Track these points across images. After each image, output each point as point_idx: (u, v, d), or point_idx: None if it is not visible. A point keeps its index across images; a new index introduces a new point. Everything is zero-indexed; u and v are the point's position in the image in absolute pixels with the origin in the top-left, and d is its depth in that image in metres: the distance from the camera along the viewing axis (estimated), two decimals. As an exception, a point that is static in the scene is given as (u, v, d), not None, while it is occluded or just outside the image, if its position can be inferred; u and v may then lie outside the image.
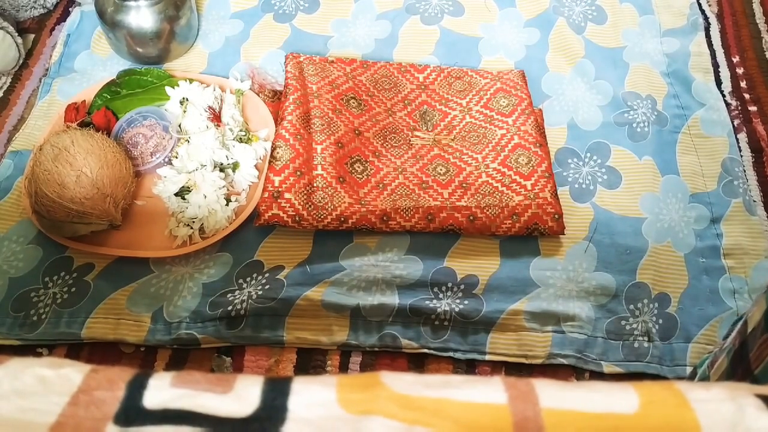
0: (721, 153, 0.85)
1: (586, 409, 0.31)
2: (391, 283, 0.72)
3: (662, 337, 0.71)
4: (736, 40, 0.99)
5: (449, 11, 0.99)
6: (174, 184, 0.75)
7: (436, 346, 0.69)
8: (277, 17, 0.98)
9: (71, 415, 0.30)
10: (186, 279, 0.72)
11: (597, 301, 0.72)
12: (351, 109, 0.85)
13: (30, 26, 0.99)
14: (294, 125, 0.80)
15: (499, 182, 0.79)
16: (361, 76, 0.89)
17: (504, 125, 0.84)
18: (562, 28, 0.97)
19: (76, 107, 0.83)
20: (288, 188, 0.75)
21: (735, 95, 0.92)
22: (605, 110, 0.89)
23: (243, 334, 0.69)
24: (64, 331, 0.69)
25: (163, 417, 0.30)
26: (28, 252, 0.74)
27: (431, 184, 0.79)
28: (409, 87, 0.89)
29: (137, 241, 0.74)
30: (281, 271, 0.73)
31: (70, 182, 0.69)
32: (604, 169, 0.83)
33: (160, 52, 0.90)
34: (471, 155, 0.82)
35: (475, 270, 0.74)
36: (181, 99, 0.82)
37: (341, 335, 0.69)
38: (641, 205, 0.80)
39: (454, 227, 0.75)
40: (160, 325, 0.69)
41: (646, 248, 0.76)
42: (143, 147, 0.79)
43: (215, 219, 0.74)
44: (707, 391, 0.32)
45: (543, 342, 0.70)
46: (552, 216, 0.76)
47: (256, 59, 0.92)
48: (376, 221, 0.75)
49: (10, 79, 0.92)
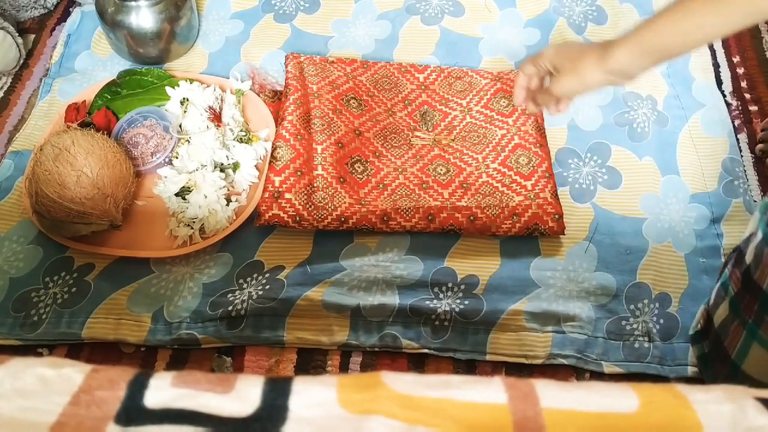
0: (722, 153, 0.85)
1: (586, 408, 0.31)
2: (392, 283, 0.72)
3: (663, 337, 0.71)
4: (736, 40, 0.99)
5: (449, 11, 0.99)
6: (174, 185, 0.75)
7: (437, 346, 0.69)
8: (277, 17, 0.98)
9: (72, 415, 0.30)
10: (186, 279, 0.72)
11: (597, 301, 0.72)
12: (351, 110, 0.85)
13: (30, 26, 0.99)
14: (294, 125, 0.80)
15: (500, 182, 0.79)
16: (362, 76, 0.89)
17: (504, 125, 0.84)
18: (563, 28, 0.97)
19: (77, 107, 0.83)
20: (288, 188, 0.75)
21: (735, 95, 0.92)
22: (605, 110, 0.89)
23: (243, 334, 0.69)
24: (65, 331, 0.69)
25: (164, 416, 0.30)
26: (28, 252, 0.74)
27: (431, 184, 0.79)
28: (410, 87, 0.89)
29: (138, 241, 0.74)
30: (281, 271, 0.73)
31: (71, 182, 0.69)
32: (605, 169, 0.83)
33: (161, 52, 0.90)
34: (471, 155, 0.82)
35: (475, 270, 0.74)
36: (181, 99, 0.82)
37: (342, 335, 0.69)
38: (641, 205, 0.80)
39: (455, 227, 0.75)
40: (161, 325, 0.69)
41: (647, 248, 0.76)
42: (144, 147, 0.79)
43: (215, 219, 0.74)
44: (707, 393, 0.32)
45: (543, 342, 0.69)
46: (552, 216, 0.76)
47: (256, 59, 0.92)
48: (376, 221, 0.75)
49: (11, 80, 0.92)
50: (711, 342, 0.64)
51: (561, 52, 0.66)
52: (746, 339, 0.58)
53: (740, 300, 0.59)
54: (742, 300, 0.59)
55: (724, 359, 0.61)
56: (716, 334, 0.63)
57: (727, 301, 0.61)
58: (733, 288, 0.60)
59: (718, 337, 0.62)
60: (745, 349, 0.58)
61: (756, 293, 0.56)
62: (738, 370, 0.59)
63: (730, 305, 0.61)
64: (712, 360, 0.64)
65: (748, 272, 0.58)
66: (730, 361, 0.60)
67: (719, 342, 0.62)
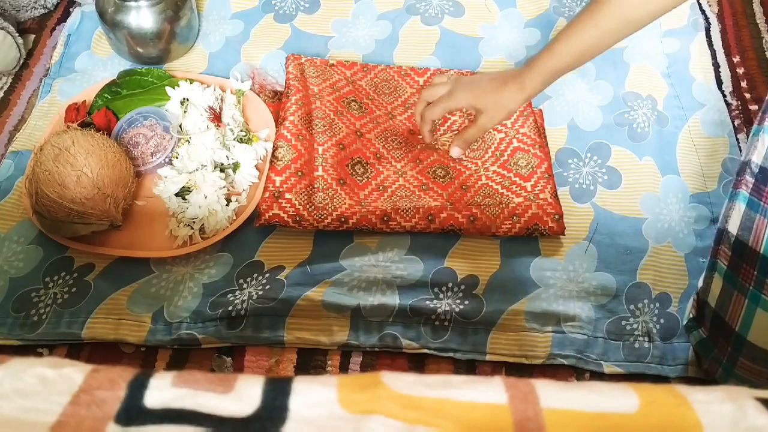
0: (722, 153, 0.85)
1: (586, 408, 0.31)
2: (392, 283, 0.72)
3: (663, 337, 0.71)
4: (736, 40, 0.99)
5: (449, 12, 0.99)
6: (174, 185, 0.75)
7: (437, 347, 0.69)
8: (277, 17, 0.98)
9: (72, 415, 0.30)
10: (186, 279, 0.72)
11: (597, 301, 0.72)
12: (352, 111, 0.85)
13: (30, 26, 0.99)
14: (296, 125, 0.80)
15: (499, 184, 0.79)
16: (361, 80, 0.89)
17: (503, 128, 0.84)
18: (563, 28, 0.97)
19: (77, 107, 0.83)
20: (289, 188, 0.75)
21: (735, 95, 0.92)
22: (605, 110, 0.89)
23: (243, 335, 0.69)
24: (65, 331, 0.69)
25: (164, 416, 0.30)
26: (28, 252, 0.74)
27: (431, 186, 0.79)
28: (410, 91, 0.89)
29: (138, 242, 0.74)
30: (282, 272, 0.73)
31: (71, 182, 0.69)
32: (605, 169, 0.83)
33: (161, 52, 0.90)
34: (471, 160, 0.82)
35: (475, 270, 0.74)
36: (181, 99, 0.82)
37: (342, 335, 0.69)
38: (641, 205, 0.80)
39: (455, 228, 0.75)
40: (161, 325, 0.69)
41: (647, 248, 0.76)
42: (144, 147, 0.79)
43: (216, 219, 0.74)
44: (707, 393, 0.32)
45: (543, 342, 0.69)
46: (552, 216, 0.76)
47: (256, 59, 0.92)
48: (376, 221, 0.75)
49: (11, 80, 0.92)
50: (710, 325, 0.64)
51: (476, 92, 0.74)
52: (749, 307, 0.58)
53: (736, 270, 0.60)
54: (738, 270, 0.60)
55: (728, 335, 0.61)
56: (715, 313, 0.63)
57: (720, 278, 0.62)
58: (724, 262, 0.61)
59: (717, 315, 0.63)
60: (749, 318, 0.59)
61: (753, 259, 0.58)
62: (743, 342, 0.60)
63: (724, 279, 0.62)
64: (714, 341, 0.64)
65: (739, 242, 0.59)
66: (734, 335, 0.60)
67: (719, 319, 0.62)
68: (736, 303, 0.60)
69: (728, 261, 0.61)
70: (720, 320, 0.62)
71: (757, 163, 0.59)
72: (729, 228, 0.61)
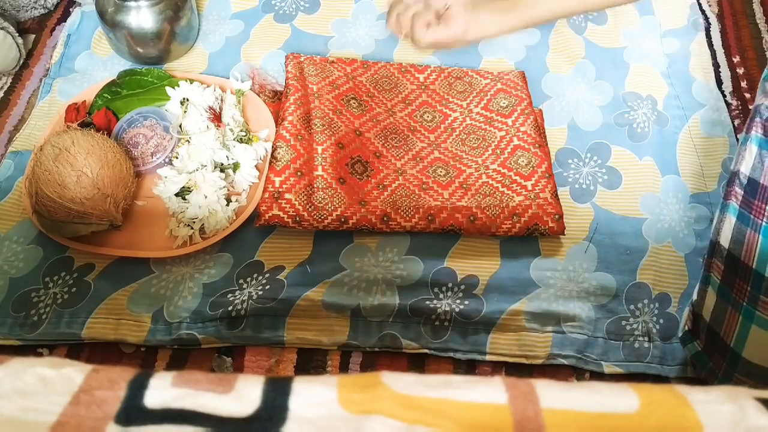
0: (722, 153, 0.85)
1: (586, 408, 0.31)
2: (392, 283, 0.72)
3: (663, 337, 0.71)
4: (736, 40, 0.99)
5: (449, 11, 0.99)
6: (174, 185, 0.75)
7: (437, 347, 0.69)
8: (277, 17, 0.98)
9: (72, 415, 0.30)
10: (186, 279, 0.72)
11: (597, 301, 0.72)
12: (351, 110, 0.85)
13: (30, 26, 0.99)
14: (295, 125, 0.80)
15: (500, 183, 0.79)
16: (362, 76, 0.89)
17: (503, 126, 0.84)
18: (563, 28, 0.97)
19: (77, 107, 0.83)
20: (288, 189, 0.75)
21: (736, 95, 0.92)
22: (605, 110, 0.89)
23: (243, 335, 0.69)
24: (65, 332, 0.69)
25: (164, 416, 0.30)
26: (28, 252, 0.74)
27: (431, 185, 0.79)
28: (410, 87, 0.89)
29: (138, 242, 0.74)
30: (282, 272, 0.73)
31: (71, 182, 0.69)
32: (605, 169, 0.83)
33: (161, 52, 0.90)
34: (471, 158, 0.82)
35: (475, 270, 0.74)
36: (181, 99, 0.82)
37: (342, 335, 0.69)
38: (641, 205, 0.80)
39: (455, 227, 0.75)
40: (161, 325, 0.69)
41: (647, 248, 0.76)
42: (144, 147, 0.79)
43: (216, 219, 0.74)
44: (707, 393, 0.32)
45: (543, 342, 0.69)
46: (552, 216, 0.76)
47: (256, 60, 0.92)
48: (376, 221, 0.75)
49: (11, 80, 0.92)
50: (705, 338, 0.64)
51: None
52: (743, 324, 0.57)
53: (729, 285, 0.59)
54: (731, 285, 0.59)
55: (723, 350, 0.60)
56: (709, 327, 0.62)
57: (713, 292, 0.61)
58: (717, 276, 0.60)
59: (711, 330, 0.62)
60: (743, 335, 0.58)
61: (746, 274, 0.56)
62: (738, 359, 0.59)
63: (718, 294, 0.61)
64: (709, 355, 0.63)
65: (732, 256, 0.58)
66: (729, 351, 0.59)
67: (714, 334, 0.62)
68: (731, 319, 0.59)
69: (721, 275, 0.60)
70: (715, 335, 0.62)
71: (745, 174, 0.58)
72: (721, 241, 0.60)
